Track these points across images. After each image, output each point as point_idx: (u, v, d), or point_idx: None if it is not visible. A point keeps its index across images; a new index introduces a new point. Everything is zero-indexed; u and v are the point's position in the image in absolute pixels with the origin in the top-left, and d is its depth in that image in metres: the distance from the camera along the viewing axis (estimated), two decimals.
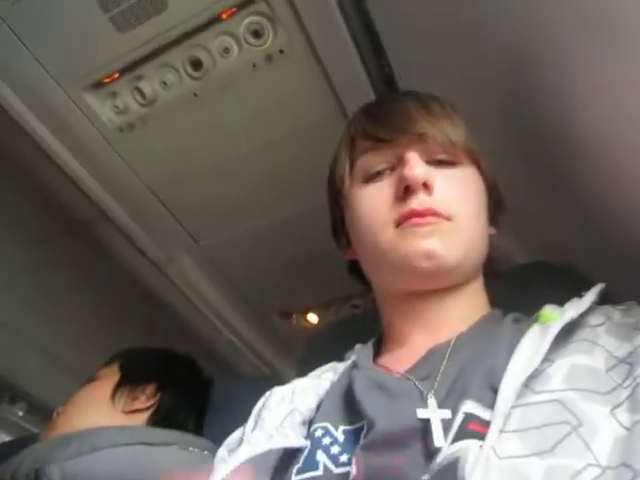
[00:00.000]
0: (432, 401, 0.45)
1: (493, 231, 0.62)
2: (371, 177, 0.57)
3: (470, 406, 0.41)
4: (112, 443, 0.71)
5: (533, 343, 0.44)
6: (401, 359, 0.53)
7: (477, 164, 0.58)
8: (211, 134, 0.97)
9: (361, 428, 0.46)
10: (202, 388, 0.94)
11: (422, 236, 0.52)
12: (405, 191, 0.53)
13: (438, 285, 0.55)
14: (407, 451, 0.42)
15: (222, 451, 0.55)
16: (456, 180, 0.55)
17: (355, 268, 0.66)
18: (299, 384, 0.58)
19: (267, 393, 0.58)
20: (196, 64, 0.87)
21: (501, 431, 0.38)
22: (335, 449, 0.47)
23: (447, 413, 0.43)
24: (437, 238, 0.51)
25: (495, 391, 0.41)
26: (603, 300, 0.50)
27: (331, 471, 0.45)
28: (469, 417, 0.41)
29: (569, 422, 0.37)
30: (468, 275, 0.56)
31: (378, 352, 0.59)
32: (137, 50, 0.84)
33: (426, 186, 0.52)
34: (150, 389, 0.87)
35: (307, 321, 1.40)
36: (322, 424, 0.49)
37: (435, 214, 0.52)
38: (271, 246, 1.17)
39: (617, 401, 0.39)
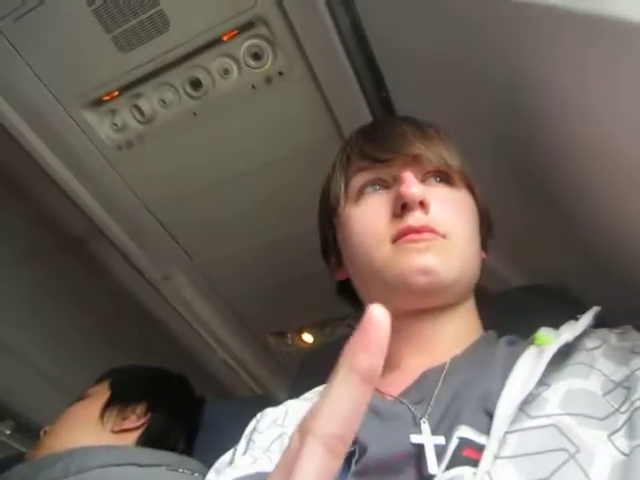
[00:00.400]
0: (426, 426, 0.44)
1: (484, 255, 0.62)
2: (365, 195, 0.57)
3: (464, 431, 0.41)
4: (100, 464, 0.69)
5: (528, 365, 0.43)
6: (394, 382, 0.52)
7: (471, 188, 0.59)
8: (209, 153, 0.97)
9: (353, 453, 0.45)
10: (194, 408, 0.92)
11: (418, 252, 0.52)
12: (402, 209, 0.53)
13: (433, 303, 0.54)
14: (400, 477, 0.41)
15: (211, 474, 0.54)
16: (451, 200, 0.56)
17: (345, 289, 0.65)
18: (291, 406, 0.57)
19: (258, 415, 0.57)
20: (196, 84, 0.88)
21: (496, 457, 0.37)
22: None
23: (441, 439, 0.42)
24: (433, 254, 0.52)
25: (490, 415, 0.41)
26: (599, 323, 0.50)
27: None
28: (463, 442, 0.40)
29: (566, 449, 0.36)
30: (462, 295, 0.56)
31: None
32: (137, 69, 0.85)
33: (422, 204, 0.53)
34: (140, 408, 0.85)
35: (302, 341, 1.39)
36: None
37: (431, 231, 0.52)
38: (267, 265, 1.16)
39: (614, 427, 0.38)
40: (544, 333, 0.49)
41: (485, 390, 0.44)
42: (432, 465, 0.40)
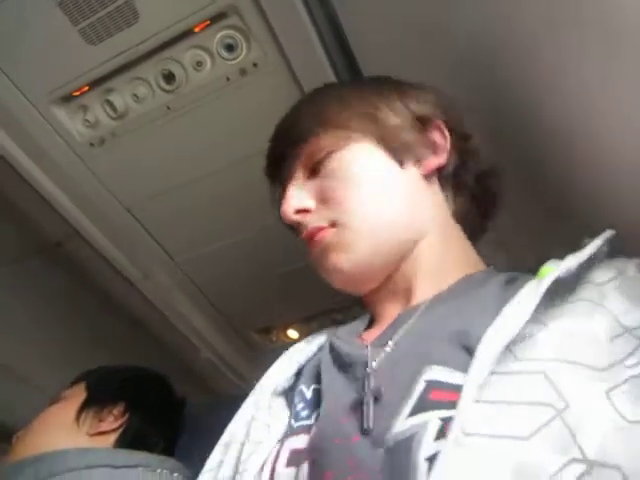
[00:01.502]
0: (370, 376, 0.41)
1: (426, 171, 0.56)
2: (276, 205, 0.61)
3: (435, 372, 0.37)
4: (71, 467, 0.67)
5: (524, 300, 0.37)
6: (375, 331, 0.52)
7: (360, 128, 0.56)
8: (186, 148, 0.95)
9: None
10: (174, 408, 0.91)
11: (321, 256, 0.54)
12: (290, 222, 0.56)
13: (373, 285, 0.55)
14: (350, 430, 0.38)
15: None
16: (337, 174, 0.54)
17: None
18: (288, 352, 0.57)
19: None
20: (169, 77, 0.86)
21: (476, 400, 0.32)
22: (300, 406, 0.46)
23: (381, 388, 0.39)
24: (332, 252, 0.53)
25: (469, 351, 0.36)
26: (614, 251, 0.43)
27: (292, 426, 0.44)
28: (432, 385, 0.36)
29: (553, 404, 0.31)
30: (402, 246, 0.53)
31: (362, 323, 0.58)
32: (108, 63, 0.82)
33: (303, 211, 0.55)
34: (118, 410, 0.83)
35: (287, 337, 1.38)
36: (299, 388, 0.49)
37: (321, 229, 0.54)
38: (249, 262, 1.14)
39: (616, 381, 0.32)
40: (549, 265, 0.43)
41: (466, 324, 0.40)
42: (368, 418, 0.37)
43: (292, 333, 1.37)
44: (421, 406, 0.35)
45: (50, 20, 0.77)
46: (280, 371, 0.53)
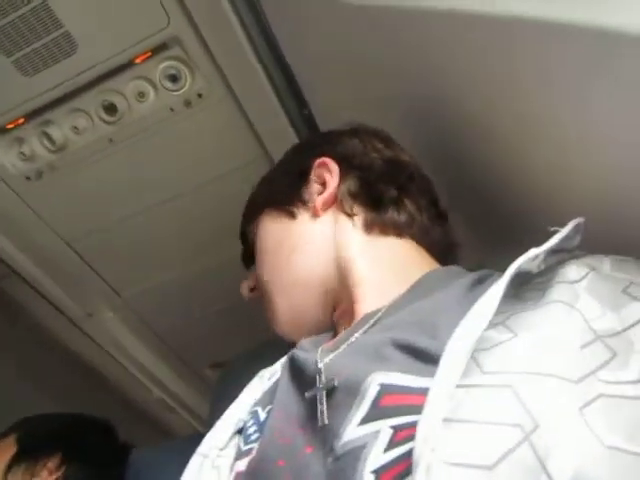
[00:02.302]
0: (322, 375, 0.39)
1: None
2: None
3: (389, 376, 0.34)
4: None
5: (489, 298, 0.33)
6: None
7: (267, 198, 0.65)
8: (128, 181, 0.92)
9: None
10: (117, 456, 0.85)
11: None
12: None
13: (318, 324, 0.57)
14: (314, 437, 0.36)
15: None
16: (256, 257, 0.64)
17: None
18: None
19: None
20: (110, 109, 0.83)
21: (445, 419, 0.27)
22: (252, 429, 0.44)
23: (334, 382, 0.37)
24: (268, 313, 0.62)
25: (423, 357, 0.34)
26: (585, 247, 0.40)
27: (240, 449, 0.42)
28: (385, 389, 0.33)
29: (521, 424, 0.27)
30: (329, 287, 0.56)
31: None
32: (45, 95, 0.79)
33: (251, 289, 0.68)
34: (53, 462, 0.77)
35: None
36: (253, 409, 0.47)
37: (254, 297, 0.66)
38: (198, 295, 1.11)
39: (589, 396, 0.28)
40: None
41: (425, 330, 0.37)
42: (324, 414, 0.35)
43: None
44: (373, 413, 0.32)
45: None
46: (235, 412, 0.50)
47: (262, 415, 0.45)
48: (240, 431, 0.47)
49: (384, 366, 0.35)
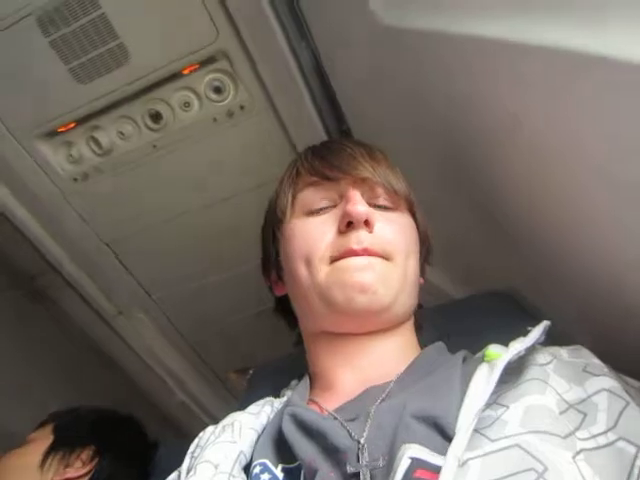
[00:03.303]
0: (365, 451, 0.41)
1: (422, 281, 0.62)
2: (312, 212, 0.57)
3: (417, 450, 0.38)
4: None
5: (483, 380, 0.42)
6: (329, 401, 0.51)
7: (413, 214, 0.60)
8: (169, 186, 0.96)
9: (300, 467, 0.44)
10: (145, 452, 0.87)
11: (356, 269, 0.52)
12: (347, 226, 0.53)
13: (371, 325, 0.54)
14: None
15: None
16: (395, 223, 0.57)
17: (282, 305, 0.64)
18: (239, 418, 0.54)
19: (200, 434, 0.54)
20: (156, 117, 0.87)
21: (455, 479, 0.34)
22: None
23: (380, 462, 0.40)
24: (372, 273, 0.52)
25: (444, 435, 0.39)
26: (548, 341, 0.49)
27: None
28: (416, 463, 0.37)
29: (534, 468, 0.34)
30: (401, 318, 0.56)
31: (311, 388, 0.57)
32: (95, 102, 0.84)
33: (367, 224, 0.53)
34: (86, 454, 0.79)
35: None
36: (260, 460, 0.47)
37: (372, 254, 0.53)
38: (227, 301, 1.14)
39: (575, 448, 0.36)
40: (493, 350, 0.48)
41: (438, 409, 0.41)
42: None
43: None
44: None
45: (40, 57, 0.78)
46: (243, 435, 0.50)
47: (277, 472, 0.45)
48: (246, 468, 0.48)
49: (410, 437, 0.39)
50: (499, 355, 0.45)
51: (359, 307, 0.51)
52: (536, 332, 0.46)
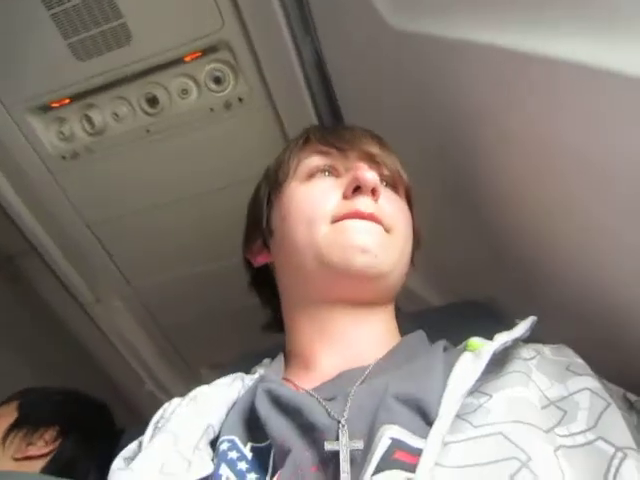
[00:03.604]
0: (344, 430, 0.40)
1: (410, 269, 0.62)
2: (317, 176, 0.58)
3: (396, 431, 0.37)
4: None
5: (467, 367, 0.42)
6: (308, 379, 0.51)
7: (410, 204, 0.62)
8: (158, 172, 0.94)
9: (270, 446, 0.43)
10: (110, 438, 0.85)
11: (359, 231, 0.52)
12: (354, 191, 0.54)
13: (362, 292, 0.53)
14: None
15: (118, 461, 0.48)
16: (397, 202, 0.58)
17: (261, 278, 0.64)
18: (209, 391, 0.52)
19: (165, 405, 0.53)
20: (152, 101, 0.86)
21: (437, 464, 0.34)
22: (242, 465, 0.43)
23: (359, 443, 0.39)
24: (374, 238, 0.52)
25: (426, 419, 0.39)
26: (531, 339, 0.49)
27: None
28: (396, 444, 0.37)
29: (518, 457, 0.34)
30: (389, 293, 0.57)
31: (286, 367, 0.56)
32: (92, 79, 0.82)
33: (374, 192, 0.54)
34: (50, 434, 0.77)
35: None
36: (229, 437, 0.46)
37: (377, 221, 0.53)
38: (207, 294, 1.12)
39: (555, 444, 0.36)
40: (476, 341, 0.48)
41: (420, 392, 0.41)
42: (344, 475, 0.37)
43: None
44: (385, 464, 0.35)
45: (40, 29, 0.77)
46: (212, 408, 0.49)
47: (248, 453, 0.44)
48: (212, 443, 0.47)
49: (391, 418, 0.39)
50: (483, 345, 0.45)
51: (357, 267, 0.51)
52: (523, 326, 0.47)
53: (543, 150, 0.45)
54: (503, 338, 0.44)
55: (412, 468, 0.34)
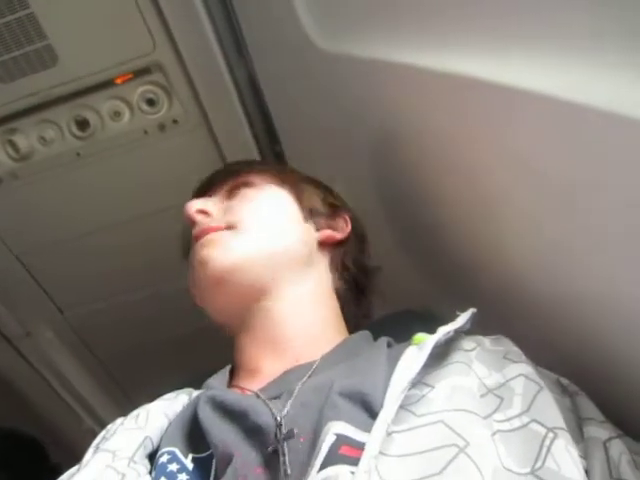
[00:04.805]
0: (282, 428, 0.40)
1: (326, 234, 0.62)
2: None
3: (342, 427, 0.38)
4: None
5: (411, 359, 0.42)
6: (255, 382, 0.50)
7: (280, 183, 0.63)
8: (90, 198, 0.91)
9: (212, 456, 0.42)
10: (43, 473, 0.79)
11: (198, 249, 0.56)
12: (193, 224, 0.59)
13: (229, 293, 0.55)
14: None
15: None
16: (250, 197, 0.60)
17: None
18: (151, 406, 0.51)
19: (109, 426, 0.51)
20: (82, 124, 0.84)
21: (382, 453, 0.35)
22: (183, 477, 0.41)
23: (303, 440, 0.39)
24: (210, 247, 0.55)
25: (370, 412, 0.39)
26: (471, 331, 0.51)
27: None
28: (341, 440, 0.37)
29: (456, 444, 0.35)
30: (273, 278, 0.56)
31: (234, 377, 0.55)
32: (16, 102, 0.79)
33: (204, 212, 0.59)
34: None
35: None
36: (169, 449, 0.44)
37: (210, 230, 0.57)
38: (144, 322, 1.08)
39: (492, 429, 0.38)
40: (421, 335, 0.48)
41: (365, 387, 0.42)
42: (287, 465, 0.37)
43: None
44: (332, 459, 0.35)
45: None
46: (151, 421, 0.47)
47: (189, 464, 0.43)
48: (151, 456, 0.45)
49: (336, 414, 0.39)
50: (427, 338, 0.46)
51: (205, 281, 0.55)
52: (464, 317, 0.48)
53: (464, 168, 0.48)
54: (445, 329, 0.45)
55: (357, 462, 0.34)
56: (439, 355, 0.45)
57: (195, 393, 0.55)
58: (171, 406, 0.50)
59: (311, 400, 0.43)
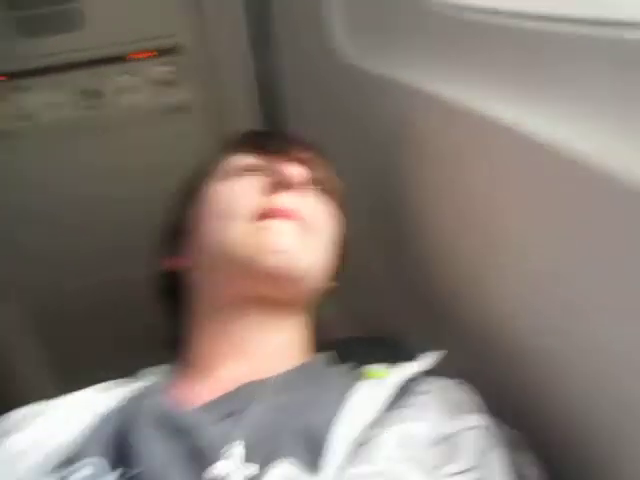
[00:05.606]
0: (237, 451, 0.38)
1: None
2: (238, 173, 0.55)
3: (286, 468, 0.36)
4: None
5: (365, 397, 0.41)
6: (202, 392, 0.46)
7: (344, 214, 0.60)
8: (84, 169, 0.90)
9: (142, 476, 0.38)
10: None
11: (276, 232, 0.49)
12: (277, 185, 0.52)
13: (275, 290, 0.50)
14: None
15: None
16: (324, 205, 0.56)
17: (170, 284, 0.58)
18: (62, 402, 0.47)
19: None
20: (92, 94, 0.84)
21: None
22: None
23: (254, 468, 0.37)
24: (290, 237, 0.50)
25: (319, 449, 0.38)
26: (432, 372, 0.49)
27: None
28: None
29: None
30: (303, 298, 0.53)
31: (179, 378, 0.51)
32: (33, 60, 0.79)
33: (296, 188, 0.52)
34: None
35: None
36: (92, 459, 0.39)
37: (297, 217, 0.51)
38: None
39: None
40: (375, 369, 0.47)
41: (315, 420, 0.40)
42: None
43: None
44: None
45: None
46: (71, 421, 0.44)
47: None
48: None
49: (284, 450, 0.38)
50: (384, 373, 0.45)
51: (270, 268, 0.49)
52: (431, 358, 0.48)
53: (470, 200, 0.50)
54: (408, 371, 0.44)
55: None
56: (394, 394, 0.43)
57: (130, 387, 0.49)
58: (98, 402, 0.46)
59: (260, 429, 0.40)
